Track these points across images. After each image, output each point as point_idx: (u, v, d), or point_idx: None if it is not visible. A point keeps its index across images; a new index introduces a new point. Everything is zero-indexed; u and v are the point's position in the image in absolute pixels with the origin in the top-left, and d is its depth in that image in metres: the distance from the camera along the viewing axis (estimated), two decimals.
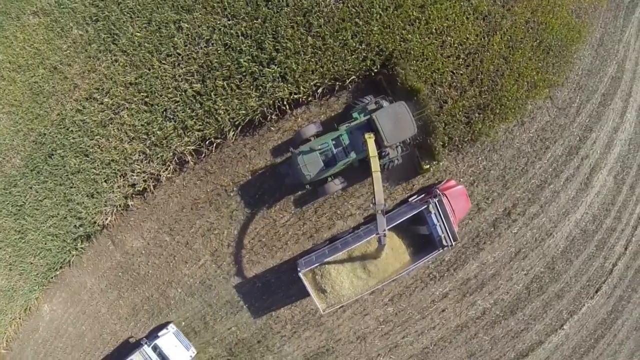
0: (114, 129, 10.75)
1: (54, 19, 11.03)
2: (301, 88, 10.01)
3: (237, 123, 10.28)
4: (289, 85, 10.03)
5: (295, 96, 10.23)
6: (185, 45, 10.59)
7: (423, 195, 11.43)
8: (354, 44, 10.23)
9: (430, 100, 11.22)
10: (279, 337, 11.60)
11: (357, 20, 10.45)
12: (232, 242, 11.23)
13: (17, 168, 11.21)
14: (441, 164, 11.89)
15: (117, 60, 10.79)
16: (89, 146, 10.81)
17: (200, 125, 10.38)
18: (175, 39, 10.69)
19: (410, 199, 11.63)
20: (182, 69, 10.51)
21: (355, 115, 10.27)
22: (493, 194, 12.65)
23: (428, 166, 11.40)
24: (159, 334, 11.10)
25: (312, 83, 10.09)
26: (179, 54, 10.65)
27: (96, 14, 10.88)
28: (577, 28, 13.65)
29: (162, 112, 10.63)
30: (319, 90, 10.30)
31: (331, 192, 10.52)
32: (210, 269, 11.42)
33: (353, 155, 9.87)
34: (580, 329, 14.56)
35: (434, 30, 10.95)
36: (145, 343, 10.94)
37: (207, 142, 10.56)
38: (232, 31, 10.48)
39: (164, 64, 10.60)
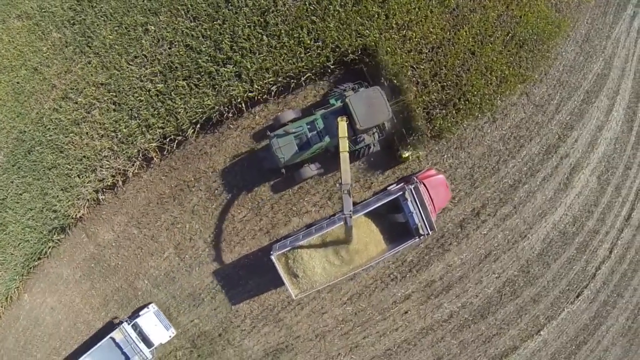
0: (86, 127, 11.71)
1: (36, 22, 12.12)
2: (255, 86, 10.55)
3: (195, 121, 10.96)
4: (244, 83, 10.60)
5: (250, 94, 10.78)
6: (151, 47, 11.40)
7: (402, 185, 11.50)
8: (309, 42, 10.69)
9: (410, 88, 11.30)
10: (239, 331, 12.14)
11: (313, 18, 10.93)
12: (194, 236, 11.89)
13: (0, 164, 12.55)
14: (421, 153, 11.92)
15: (90, 62, 11.76)
16: (64, 143, 11.81)
17: (161, 123, 11.14)
18: (143, 41, 11.54)
19: (389, 188, 11.77)
20: (147, 69, 11.34)
21: (332, 101, 10.69)
22: (460, 193, 12.64)
23: (407, 155, 11.49)
24: (140, 313, 11.92)
25: (266, 81, 10.60)
26: (145, 56, 11.46)
27: (73, 17, 11.88)
28: (556, 22, 13.42)
29: (129, 111, 11.51)
30: (274, 89, 10.75)
31: (307, 177, 10.94)
32: (174, 262, 12.13)
33: (327, 139, 10.25)
34: (559, 335, 14.26)
35: (394, 25, 11.24)
36: (126, 321, 11.78)
37: (168, 140, 11.30)
38: (193, 33, 11.19)
39: (131, 65, 11.48)
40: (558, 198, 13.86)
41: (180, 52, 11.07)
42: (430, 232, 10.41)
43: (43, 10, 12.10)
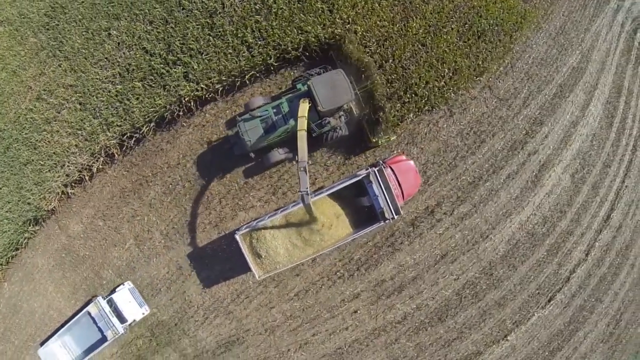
0: (56, 126, 13.09)
1: (16, 28, 13.64)
2: (201, 86, 11.43)
3: (149, 119, 12.00)
4: (191, 83, 11.51)
5: (198, 93, 11.66)
6: (113, 51, 12.60)
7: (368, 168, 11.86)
8: (252, 41, 11.41)
9: (378, 74, 11.59)
10: (193, 321, 12.99)
11: (257, 17, 11.59)
12: (151, 228, 12.90)
13: None
14: (392, 138, 12.16)
15: (61, 65, 13.15)
16: (37, 140, 13.24)
17: (120, 121, 12.28)
18: (106, 45, 12.77)
19: (357, 173, 12.18)
20: (108, 71, 12.53)
21: (299, 86, 11.34)
22: None
23: (376, 140, 11.83)
24: (116, 289, 12.97)
25: (211, 81, 11.45)
26: (107, 59, 12.67)
27: (48, 22, 13.29)
28: (521, 13, 13.17)
29: (92, 111, 12.75)
30: (219, 87, 11.57)
31: (275, 161, 11.52)
32: (134, 252, 13.21)
33: (292, 122, 10.71)
34: (530, 341, 14.03)
35: (337, 20, 11.64)
36: (101, 296, 12.86)
37: (126, 137, 12.41)
38: (149, 36, 12.28)
39: (95, 67, 12.73)
40: (525, 197, 13.64)
41: (137, 55, 12.19)
42: (395, 217, 10.51)
43: (22, 17, 13.60)
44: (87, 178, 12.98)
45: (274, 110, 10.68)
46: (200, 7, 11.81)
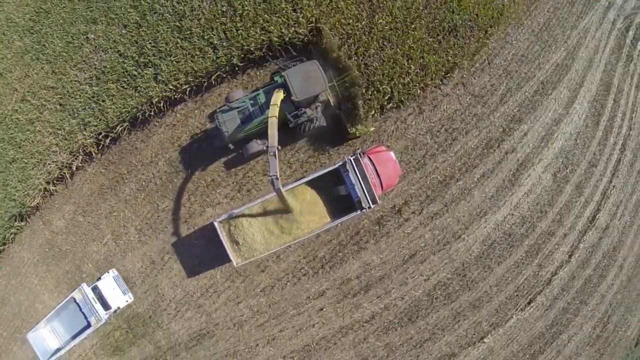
0: (39, 126, 14.00)
1: (3, 32, 14.67)
2: (169, 87, 12.05)
3: (122, 119, 12.72)
4: (160, 84, 12.16)
5: (167, 94, 12.28)
6: (90, 54, 13.42)
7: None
8: (217, 42, 11.94)
9: (354, 66, 11.83)
10: (166, 314, 13.65)
11: (223, 19, 12.08)
12: (127, 224, 13.62)
13: None
14: (372, 129, 12.35)
15: (44, 68, 14.08)
16: (22, 140, 14.21)
17: (96, 122, 13.08)
18: (84, 48, 13.59)
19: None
20: (85, 74, 13.38)
21: (276, 78, 11.82)
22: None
23: (354, 131, 12.12)
24: (101, 277, 13.62)
25: (179, 82, 12.06)
26: (85, 62, 13.50)
27: (32, 26, 14.19)
28: (498, 8, 13.17)
29: (71, 111, 13.60)
30: (187, 88, 12.17)
31: (254, 152, 11.95)
32: (111, 247, 13.99)
33: (268, 113, 10.93)
34: (508, 343, 14.10)
35: (301, 19, 12.00)
36: (86, 282, 13.54)
37: (102, 137, 13.19)
38: (123, 39, 13.01)
39: (74, 70, 13.58)
40: (502, 196, 13.67)
41: (112, 58, 12.96)
42: (372, 206, 10.80)
43: (9, 21, 14.61)
44: (67, 176, 13.85)
45: (251, 101, 11.13)
46: (170, 11, 12.47)
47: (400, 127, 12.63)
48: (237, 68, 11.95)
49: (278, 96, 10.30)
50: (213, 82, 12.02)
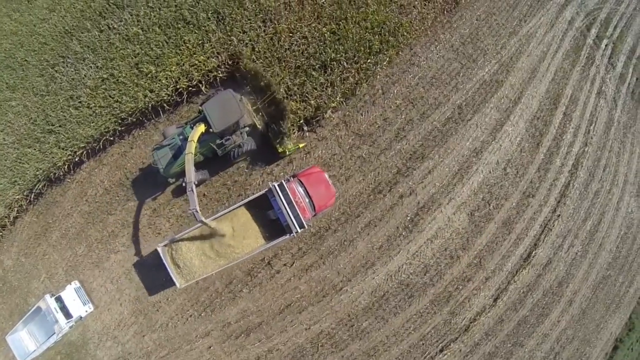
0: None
1: None
2: (67, 152, 15.01)
3: (38, 179, 16.00)
4: (61, 150, 15.19)
5: (68, 158, 15.23)
6: (13, 120, 16.65)
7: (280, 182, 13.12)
8: (98, 110, 14.60)
9: (279, 88, 12.98)
10: (92, 343, 17.10)
11: (104, 86, 14.60)
12: (56, 265, 17.09)
13: None
14: (301, 145, 13.42)
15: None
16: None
17: (20, 181, 16.46)
18: (9, 114, 16.87)
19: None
20: (11, 138, 16.70)
21: (201, 109, 13.12)
22: None
23: (283, 149, 13.54)
24: (66, 287, 16.84)
25: (77, 147, 14.98)
26: (9, 127, 16.75)
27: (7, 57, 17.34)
28: (390, 30, 12.73)
29: (2, 171, 17.22)
30: (82, 152, 15.08)
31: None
32: (47, 284, 17.50)
33: (197, 145, 12.50)
34: None
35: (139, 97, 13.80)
36: (50, 293, 16.78)
37: (28, 193, 16.86)
38: (34, 107, 16.00)
39: (2, 134, 17.09)
40: (394, 246, 13.75)
41: (27, 124, 16.36)
42: (299, 230, 12.03)
43: None
44: (8, 224, 18.15)
45: (180, 136, 13.09)
46: (66, 80, 15.44)
47: (266, 180, 14.11)
48: (117, 132, 14.63)
49: (195, 132, 11.99)
50: (103, 145, 14.85)
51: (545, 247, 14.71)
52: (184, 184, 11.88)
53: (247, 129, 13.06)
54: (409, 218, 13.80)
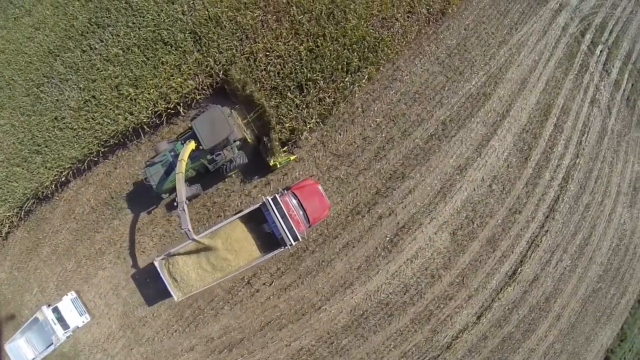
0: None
1: None
2: (54, 173, 15.63)
3: (27, 197, 16.73)
4: (48, 170, 15.82)
5: (55, 178, 15.91)
6: (1, 139, 17.56)
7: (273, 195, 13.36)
8: (82, 133, 15.14)
9: (268, 102, 13.33)
10: (83, 355, 18.18)
11: (86, 108, 15.11)
12: (47, 280, 17.90)
13: None
14: (292, 157, 13.72)
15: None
16: None
17: (10, 198, 17.29)
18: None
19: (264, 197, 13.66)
20: (1, 157, 17.85)
21: (191, 125, 13.45)
22: None
23: (274, 162, 13.92)
24: (62, 298, 17.78)
25: (62, 167, 15.60)
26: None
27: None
28: (370, 47, 12.81)
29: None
30: (66, 173, 15.70)
31: (187, 196, 14.01)
32: (40, 298, 18.39)
33: (188, 162, 13.04)
34: None
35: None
36: (47, 304, 17.63)
37: (18, 210, 17.66)
38: (22, 127, 16.65)
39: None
40: (373, 266, 13.90)
41: (15, 144, 17.05)
42: (293, 243, 12.39)
43: None
44: (0, 239, 18.85)
45: (171, 153, 13.55)
46: (50, 100, 16.04)
47: (247, 198, 14.55)
48: (100, 153, 15.20)
49: (186, 150, 12.40)
50: (88, 165, 15.45)
51: (532, 263, 14.72)
52: (175, 203, 12.32)
53: (238, 143, 13.37)
54: (388, 238, 13.93)
